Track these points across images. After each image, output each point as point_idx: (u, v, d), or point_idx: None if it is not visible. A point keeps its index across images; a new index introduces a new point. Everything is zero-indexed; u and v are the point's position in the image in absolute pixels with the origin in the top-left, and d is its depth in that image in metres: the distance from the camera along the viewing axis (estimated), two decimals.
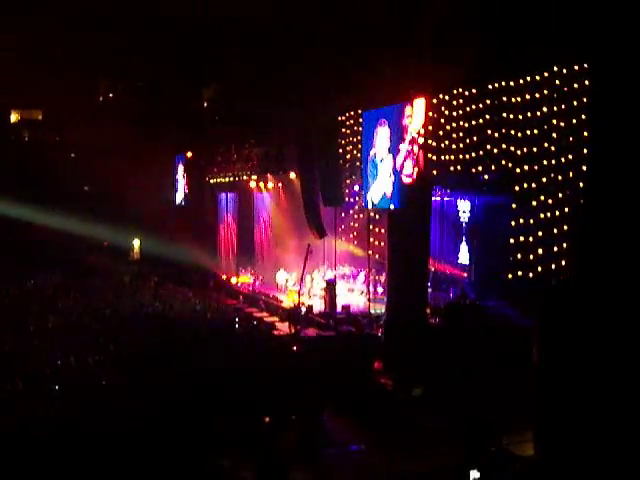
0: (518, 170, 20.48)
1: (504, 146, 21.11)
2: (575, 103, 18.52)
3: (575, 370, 13.81)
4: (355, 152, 27.92)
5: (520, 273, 20.23)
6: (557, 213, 19.05)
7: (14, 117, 47.40)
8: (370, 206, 24.62)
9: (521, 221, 20.30)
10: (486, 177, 22.00)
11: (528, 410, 14.81)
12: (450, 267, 25.72)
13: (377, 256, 26.99)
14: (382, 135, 22.39)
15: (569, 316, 14.50)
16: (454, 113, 23.18)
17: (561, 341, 14.41)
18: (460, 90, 22.85)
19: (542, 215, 19.58)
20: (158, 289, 32.82)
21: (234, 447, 13.32)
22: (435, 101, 23.06)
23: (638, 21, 15.88)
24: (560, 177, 18.99)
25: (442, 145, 23.39)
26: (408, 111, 21.96)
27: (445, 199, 25.57)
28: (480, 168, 22.11)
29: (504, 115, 21.08)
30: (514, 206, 20.70)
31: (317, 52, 26.48)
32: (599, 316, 13.94)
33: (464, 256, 24.84)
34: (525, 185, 20.17)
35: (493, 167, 21.54)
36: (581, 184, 18.20)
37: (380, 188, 22.59)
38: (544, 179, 19.54)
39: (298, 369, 18.64)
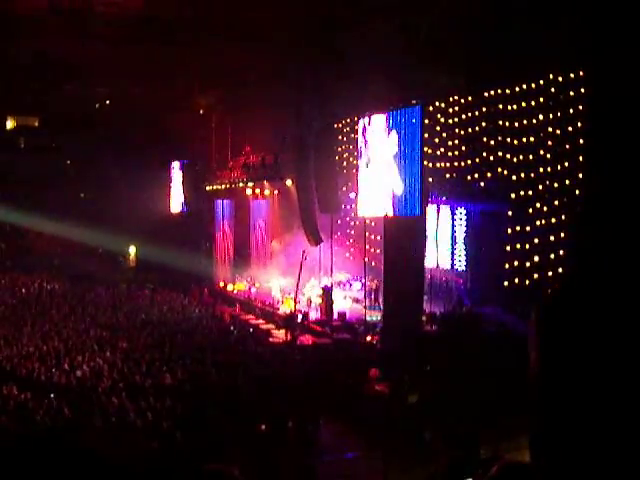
0: (514, 177, 20.56)
1: (500, 154, 21.21)
2: (571, 111, 18.62)
3: (575, 375, 13.81)
4: (351, 159, 27.95)
5: (516, 280, 20.26)
6: (553, 220, 19.12)
7: (10, 123, 47.35)
8: (365, 214, 24.55)
9: (517, 228, 20.36)
10: (482, 184, 22.05)
11: (523, 416, 14.80)
12: (446, 274, 25.72)
13: (373, 263, 26.98)
14: (385, 141, 22.21)
15: (568, 320, 14.50)
16: (450, 121, 23.25)
17: (560, 346, 14.41)
18: (456, 98, 22.94)
19: (538, 222, 19.65)
20: (154, 296, 32.80)
21: (232, 454, 13.26)
22: (431, 108, 23.11)
23: (634, 28, 15.93)
24: (556, 184, 19.08)
25: (438, 152, 23.45)
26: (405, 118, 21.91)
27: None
28: (476, 175, 22.18)
29: (500, 123, 21.18)
30: (510, 213, 20.75)
31: (311, 60, 26.51)
32: (599, 320, 13.95)
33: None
34: (521, 192, 20.25)
35: (489, 174, 21.61)
36: (577, 191, 18.27)
37: (386, 195, 22.27)
38: (540, 186, 19.62)
39: (294, 376, 18.61)
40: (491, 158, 21.58)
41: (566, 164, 18.76)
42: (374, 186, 22.78)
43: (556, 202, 19.09)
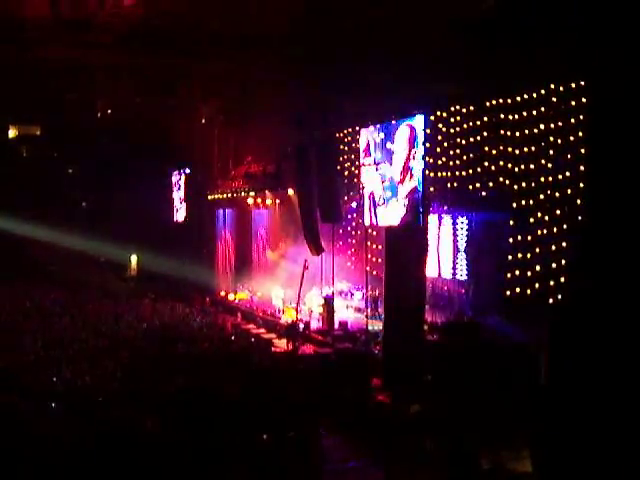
0: (516, 187, 20.55)
1: (502, 163, 21.20)
2: (572, 120, 18.63)
3: (585, 390, 13.79)
4: (353, 169, 27.96)
5: (518, 290, 20.24)
6: (555, 230, 19.10)
7: (12, 133, 47.41)
8: (367, 223, 24.51)
9: (519, 238, 20.33)
10: (484, 194, 22.04)
11: (525, 427, 14.76)
12: (448, 284, 25.65)
13: (374, 272, 26.94)
14: (387, 151, 22.21)
15: (579, 334, 14.42)
16: (452, 130, 23.26)
17: (571, 360, 14.37)
18: (458, 107, 22.95)
19: (540, 232, 19.63)
20: (156, 305, 32.77)
21: (232, 464, 13.21)
22: (433, 118, 23.12)
23: (634, 38, 15.96)
24: (558, 194, 19.08)
25: (440, 162, 23.45)
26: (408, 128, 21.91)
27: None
28: (478, 185, 22.18)
29: (502, 132, 21.18)
30: (512, 223, 20.73)
31: (316, 69, 26.54)
32: (609, 333, 13.91)
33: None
34: (523, 202, 20.24)
35: (491, 184, 21.61)
36: (579, 201, 18.27)
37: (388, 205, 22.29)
38: (542, 196, 19.62)
39: (296, 386, 18.56)
40: (493, 167, 21.57)
41: (567, 173, 18.75)
42: (377, 195, 22.79)
43: (557, 211, 19.07)
